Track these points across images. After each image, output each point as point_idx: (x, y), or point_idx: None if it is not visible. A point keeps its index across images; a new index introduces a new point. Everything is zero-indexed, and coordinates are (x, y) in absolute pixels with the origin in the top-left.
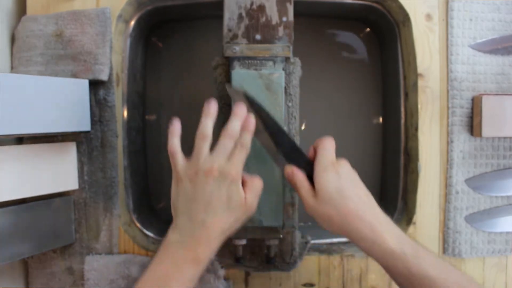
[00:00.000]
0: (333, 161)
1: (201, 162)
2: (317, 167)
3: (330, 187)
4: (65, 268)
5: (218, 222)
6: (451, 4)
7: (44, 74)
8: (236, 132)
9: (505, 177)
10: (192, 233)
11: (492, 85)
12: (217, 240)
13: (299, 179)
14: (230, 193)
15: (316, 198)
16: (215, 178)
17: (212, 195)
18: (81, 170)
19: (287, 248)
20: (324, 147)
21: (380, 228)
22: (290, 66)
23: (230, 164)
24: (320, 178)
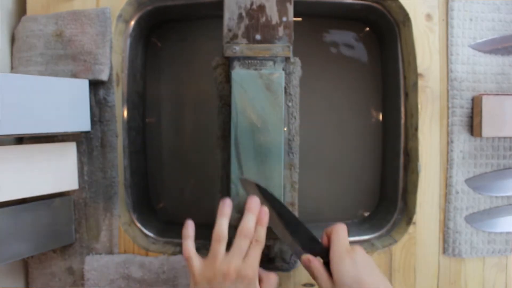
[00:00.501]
0: (347, 248)
1: (218, 264)
2: (333, 255)
3: (347, 276)
4: (65, 268)
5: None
6: (451, 4)
7: (44, 74)
8: (251, 230)
9: (505, 177)
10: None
11: (492, 85)
12: None
13: (317, 268)
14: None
15: (334, 286)
16: (232, 280)
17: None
18: (81, 170)
19: (287, 248)
20: (338, 234)
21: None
22: (290, 66)
23: (246, 265)
24: (337, 266)
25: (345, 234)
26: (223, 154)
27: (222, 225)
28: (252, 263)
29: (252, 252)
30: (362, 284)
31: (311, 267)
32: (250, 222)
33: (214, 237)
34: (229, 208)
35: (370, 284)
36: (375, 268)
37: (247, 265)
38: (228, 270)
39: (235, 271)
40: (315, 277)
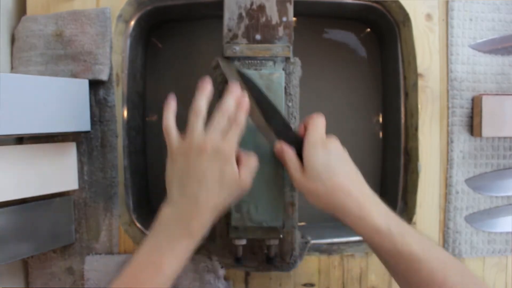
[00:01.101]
0: (322, 137)
1: (195, 138)
2: (306, 143)
3: (318, 163)
4: (65, 268)
5: (211, 197)
6: (451, 4)
7: (44, 74)
8: (231, 109)
9: (505, 177)
10: (185, 207)
11: (492, 85)
12: (210, 215)
13: (288, 155)
14: (223, 170)
15: (304, 174)
16: (208, 155)
17: (206, 171)
18: (81, 170)
19: (287, 248)
20: (314, 124)
21: (367, 204)
22: (290, 66)
23: (224, 141)
24: (309, 153)
25: (322, 124)
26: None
27: (201, 101)
28: (229, 140)
29: (231, 131)
30: (332, 172)
31: (283, 154)
32: (230, 102)
33: (191, 112)
34: (209, 86)
35: (341, 172)
36: (347, 159)
37: (225, 141)
38: (204, 144)
39: (212, 146)
40: (286, 165)
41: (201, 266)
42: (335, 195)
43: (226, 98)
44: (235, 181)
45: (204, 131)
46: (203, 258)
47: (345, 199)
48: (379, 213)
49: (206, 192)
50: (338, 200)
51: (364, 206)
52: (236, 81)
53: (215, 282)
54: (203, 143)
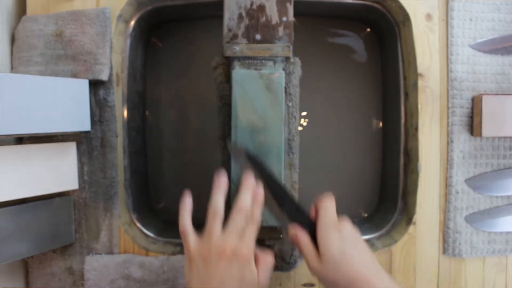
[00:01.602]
0: (335, 221)
1: (213, 241)
2: (320, 229)
3: (334, 250)
4: (65, 268)
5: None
6: (451, 4)
7: (44, 74)
8: (248, 206)
9: (505, 177)
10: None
11: (492, 85)
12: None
13: (303, 241)
14: (243, 274)
15: (321, 261)
16: (228, 259)
17: (225, 276)
18: (81, 170)
19: (287, 248)
20: (326, 207)
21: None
22: (290, 66)
23: (242, 243)
24: (324, 240)
25: (333, 206)
26: (223, 154)
27: (218, 200)
28: (248, 242)
29: (248, 230)
30: (348, 258)
31: (298, 240)
32: (246, 199)
33: (209, 213)
34: (225, 183)
35: (357, 258)
36: (362, 243)
37: (243, 244)
38: (224, 248)
39: (231, 249)
40: (302, 251)
41: None
42: (354, 286)
43: (243, 194)
44: (254, 284)
45: (222, 231)
46: None
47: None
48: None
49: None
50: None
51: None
52: (250, 172)
53: None
54: (222, 246)
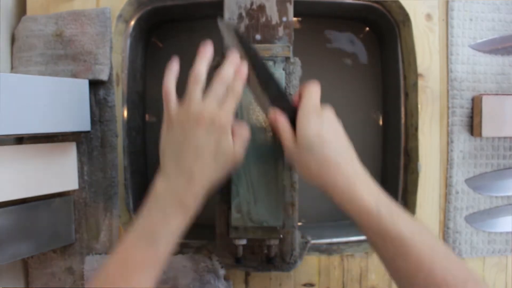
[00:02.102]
0: (317, 106)
1: (192, 107)
2: (300, 111)
3: (311, 132)
4: (65, 268)
5: (206, 171)
6: (451, 4)
7: (44, 74)
8: (229, 77)
9: (505, 177)
10: (180, 182)
11: (492, 85)
12: (204, 188)
13: (282, 124)
14: (219, 142)
15: (296, 143)
16: (205, 126)
17: (202, 144)
18: (81, 170)
19: (287, 248)
20: (309, 92)
21: (357, 182)
22: (290, 66)
23: (221, 111)
24: (302, 122)
25: (317, 92)
26: None
27: (201, 67)
28: (227, 111)
29: (228, 101)
30: (324, 143)
31: (276, 123)
32: (229, 71)
33: (191, 78)
34: (210, 51)
35: (333, 144)
36: (341, 131)
37: (222, 112)
38: (202, 113)
39: (209, 116)
40: (279, 133)
41: (201, 266)
42: (325, 168)
43: (225, 66)
44: (229, 153)
45: (203, 98)
46: (203, 258)
47: (335, 175)
48: (369, 193)
49: (201, 165)
50: (327, 175)
51: (355, 184)
52: (235, 48)
53: (215, 282)
54: (200, 112)
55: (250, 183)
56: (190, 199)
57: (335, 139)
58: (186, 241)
